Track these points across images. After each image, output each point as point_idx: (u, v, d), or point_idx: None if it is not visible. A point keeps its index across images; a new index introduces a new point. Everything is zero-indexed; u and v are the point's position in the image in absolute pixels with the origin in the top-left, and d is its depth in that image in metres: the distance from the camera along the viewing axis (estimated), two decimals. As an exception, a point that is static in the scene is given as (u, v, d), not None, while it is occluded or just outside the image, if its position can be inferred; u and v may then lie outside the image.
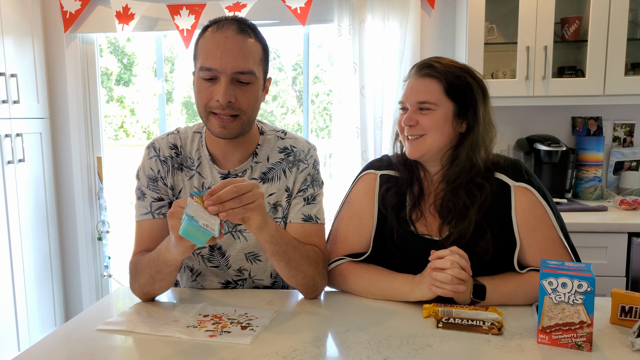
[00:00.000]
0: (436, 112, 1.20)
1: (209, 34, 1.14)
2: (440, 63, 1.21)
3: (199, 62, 1.14)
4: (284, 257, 1.12)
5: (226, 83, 1.11)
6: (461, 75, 1.20)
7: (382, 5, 2.51)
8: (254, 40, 1.15)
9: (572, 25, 2.29)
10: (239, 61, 1.11)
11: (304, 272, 1.17)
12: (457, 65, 1.22)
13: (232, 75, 1.11)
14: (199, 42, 1.16)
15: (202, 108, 1.15)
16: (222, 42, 1.11)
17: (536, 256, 1.18)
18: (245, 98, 1.14)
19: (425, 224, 1.25)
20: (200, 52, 1.14)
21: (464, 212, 1.19)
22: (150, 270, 1.13)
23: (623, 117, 2.53)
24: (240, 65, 1.11)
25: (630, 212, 2.20)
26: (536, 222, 1.18)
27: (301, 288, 1.21)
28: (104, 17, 2.75)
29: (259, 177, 1.26)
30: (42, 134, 2.74)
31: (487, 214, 1.19)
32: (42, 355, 0.96)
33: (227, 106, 1.12)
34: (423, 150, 1.22)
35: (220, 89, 1.11)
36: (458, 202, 1.19)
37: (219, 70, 1.10)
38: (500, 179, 1.21)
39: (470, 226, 1.17)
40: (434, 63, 1.21)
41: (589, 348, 0.93)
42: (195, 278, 1.33)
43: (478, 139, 1.21)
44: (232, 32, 1.12)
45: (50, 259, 2.81)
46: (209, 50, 1.12)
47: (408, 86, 1.24)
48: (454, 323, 1.04)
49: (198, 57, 1.15)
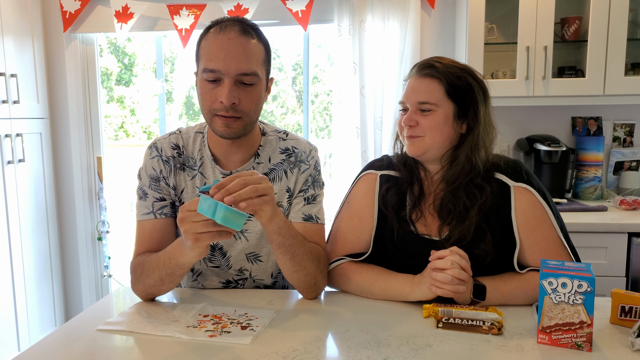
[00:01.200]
0: (437, 112, 1.20)
1: (211, 35, 1.13)
2: (442, 63, 1.21)
3: (202, 64, 1.14)
4: (289, 251, 1.12)
5: (230, 85, 1.10)
6: (462, 76, 1.20)
7: (382, 5, 2.51)
8: (256, 41, 1.15)
9: (572, 25, 2.29)
10: (242, 63, 1.11)
11: (307, 268, 1.17)
12: (458, 65, 1.22)
13: (236, 77, 1.11)
14: (202, 43, 1.15)
15: (207, 110, 1.15)
16: (225, 44, 1.10)
17: (536, 256, 1.17)
18: (248, 100, 1.14)
19: (425, 224, 1.24)
20: (203, 54, 1.13)
21: (464, 213, 1.19)
22: (160, 272, 1.12)
23: (623, 117, 2.53)
24: (244, 67, 1.11)
25: (630, 212, 2.20)
26: (536, 223, 1.18)
27: (302, 286, 1.20)
28: (103, 17, 2.75)
29: None
30: (42, 134, 2.74)
31: (487, 215, 1.19)
32: (42, 355, 0.96)
33: (231, 108, 1.12)
34: (423, 148, 1.22)
35: (224, 91, 1.10)
36: (458, 203, 1.19)
37: (223, 72, 1.10)
38: (500, 180, 1.21)
39: (471, 228, 1.17)
40: (435, 63, 1.21)
41: (588, 348, 0.93)
42: (196, 278, 1.33)
43: (478, 140, 1.21)
44: (235, 34, 1.11)
45: (50, 259, 2.81)
46: (212, 52, 1.11)
47: (409, 86, 1.24)
48: (454, 323, 1.04)
49: (201, 58, 1.15)
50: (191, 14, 2.62)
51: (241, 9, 2.58)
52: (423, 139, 1.21)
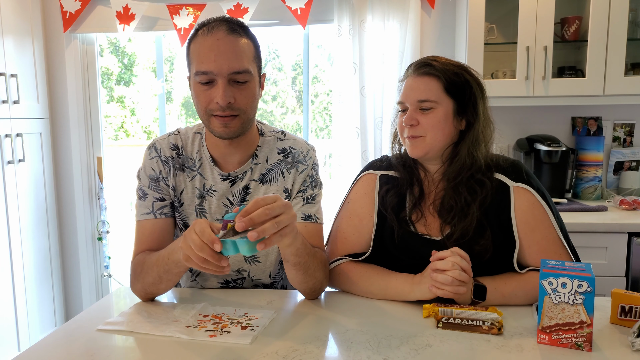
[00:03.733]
0: (437, 110, 1.20)
1: (200, 38, 1.13)
2: (438, 61, 1.22)
3: (193, 67, 1.14)
4: (303, 267, 1.12)
5: (224, 85, 1.11)
6: (459, 73, 1.21)
7: (382, 6, 2.51)
8: (245, 39, 1.15)
9: (572, 25, 2.29)
10: (233, 62, 1.11)
11: (317, 277, 1.17)
12: (454, 63, 1.23)
13: (229, 76, 1.11)
14: (191, 46, 1.15)
15: (203, 112, 1.16)
16: (215, 45, 1.10)
17: (535, 256, 1.18)
18: (243, 97, 1.14)
19: (425, 224, 1.25)
20: (194, 57, 1.13)
21: (466, 209, 1.19)
22: (159, 269, 1.12)
23: (623, 117, 2.53)
24: (235, 66, 1.11)
25: (630, 212, 2.20)
26: (535, 223, 1.18)
27: (307, 291, 1.20)
28: (104, 17, 2.75)
29: (258, 179, 1.26)
30: (42, 134, 2.74)
31: (487, 212, 1.20)
32: (42, 355, 0.96)
33: (227, 107, 1.12)
34: (425, 149, 1.22)
35: (218, 91, 1.11)
36: (459, 199, 1.19)
37: (215, 73, 1.10)
38: (499, 179, 1.22)
39: (473, 223, 1.17)
40: (432, 62, 1.22)
41: (588, 348, 0.93)
42: (194, 278, 1.33)
43: (479, 135, 1.21)
44: (223, 33, 1.11)
45: (50, 259, 2.81)
46: (202, 54, 1.11)
47: (406, 86, 1.24)
48: (454, 323, 1.04)
49: (192, 62, 1.15)
50: (191, 13, 2.62)
51: (241, 9, 2.58)
52: (424, 139, 1.21)
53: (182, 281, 1.37)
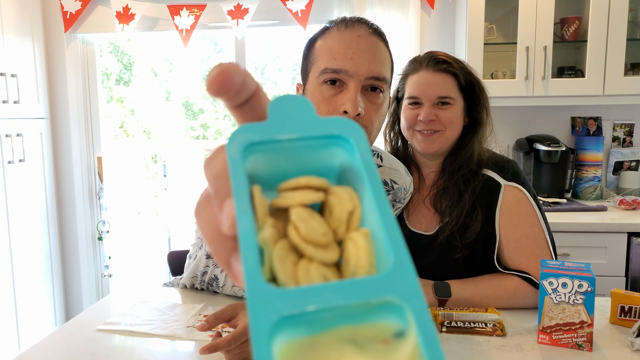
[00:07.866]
0: (454, 106, 1.21)
1: (334, 33, 0.94)
2: (451, 58, 1.23)
3: (320, 64, 0.93)
4: None
5: (356, 89, 0.89)
6: (470, 72, 1.24)
7: (382, 6, 2.51)
8: (385, 47, 0.97)
9: (572, 25, 2.29)
10: (373, 64, 0.90)
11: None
12: (463, 61, 1.27)
13: (365, 80, 0.90)
14: (317, 43, 0.96)
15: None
16: (355, 41, 0.91)
17: (513, 254, 1.18)
18: (374, 109, 0.93)
19: (419, 222, 1.26)
20: (322, 54, 0.93)
21: (460, 198, 1.20)
22: None
23: (622, 117, 2.53)
24: (375, 69, 0.90)
25: (630, 212, 2.20)
26: (518, 220, 1.19)
27: None
28: (104, 18, 2.74)
29: None
30: (43, 134, 2.74)
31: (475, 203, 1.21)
32: (42, 355, 0.96)
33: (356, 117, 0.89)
34: (440, 144, 1.22)
35: (349, 96, 0.89)
36: (455, 189, 1.21)
37: (350, 73, 0.90)
38: (491, 177, 1.23)
39: (464, 208, 1.18)
40: (446, 58, 1.22)
41: (589, 348, 0.94)
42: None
43: (485, 133, 1.25)
44: (365, 32, 0.93)
45: (51, 259, 2.81)
46: (335, 49, 0.91)
47: (422, 81, 1.22)
48: (457, 327, 1.04)
49: (317, 59, 0.94)
50: (191, 14, 2.62)
51: (241, 9, 2.58)
52: (443, 133, 1.22)
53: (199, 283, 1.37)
